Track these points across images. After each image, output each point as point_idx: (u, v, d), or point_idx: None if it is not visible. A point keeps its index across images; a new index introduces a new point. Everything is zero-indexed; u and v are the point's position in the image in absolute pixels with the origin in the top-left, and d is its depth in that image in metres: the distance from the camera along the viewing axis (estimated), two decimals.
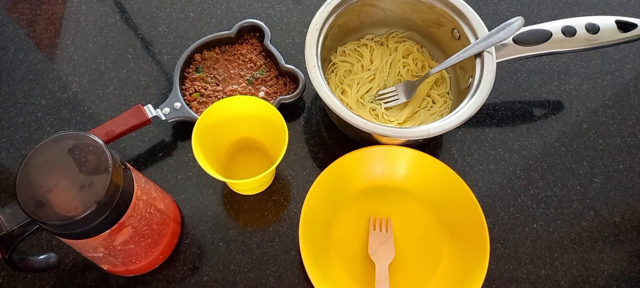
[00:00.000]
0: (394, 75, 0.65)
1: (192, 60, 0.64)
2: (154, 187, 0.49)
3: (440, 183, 0.56)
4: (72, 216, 0.36)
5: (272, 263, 0.54)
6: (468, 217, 0.53)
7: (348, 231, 0.56)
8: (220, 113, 0.52)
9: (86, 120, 0.62)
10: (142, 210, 0.44)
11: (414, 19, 0.65)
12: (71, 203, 0.36)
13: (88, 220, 0.37)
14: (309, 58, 0.55)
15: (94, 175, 0.37)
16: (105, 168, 0.37)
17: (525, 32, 0.58)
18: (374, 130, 0.51)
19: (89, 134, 0.39)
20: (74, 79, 0.65)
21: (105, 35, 0.69)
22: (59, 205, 0.36)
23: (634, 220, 0.58)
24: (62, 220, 0.36)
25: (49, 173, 0.37)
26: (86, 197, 0.36)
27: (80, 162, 0.38)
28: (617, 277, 0.55)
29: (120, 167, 0.40)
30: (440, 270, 0.54)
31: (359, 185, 0.58)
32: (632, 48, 0.71)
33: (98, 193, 0.37)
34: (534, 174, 0.61)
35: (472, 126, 0.64)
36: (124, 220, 0.41)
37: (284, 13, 0.72)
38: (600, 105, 0.66)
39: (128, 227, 0.42)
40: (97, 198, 0.36)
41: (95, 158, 0.38)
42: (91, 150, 0.38)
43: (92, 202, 0.36)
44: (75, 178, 0.37)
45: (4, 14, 0.70)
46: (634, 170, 0.62)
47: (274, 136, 0.53)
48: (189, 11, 0.72)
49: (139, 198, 0.43)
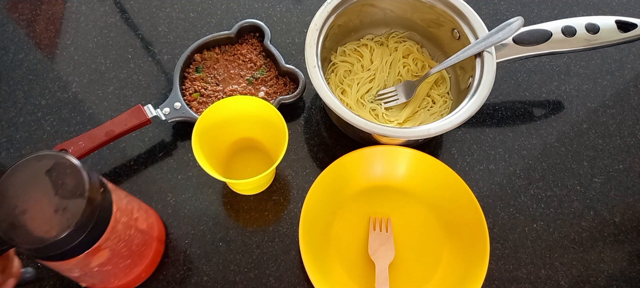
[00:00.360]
0: (394, 75, 0.65)
1: (192, 60, 0.64)
2: (137, 206, 0.48)
3: (440, 183, 0.56)
4: (45, 240, 0.35)
5: (272, 263, 0.54)
6: (468, 217, 0.53)
7: (348, 231, 0.56)
8: (220, 113, 0.52)
9: (86, 120, 0.62)
10: (121, 232, 0.43)
11: (414, 19, 0.65)
12: (44, 226, 0.35)
13: (61, 244, 0.36)
14: (309, 58, 0.55)
15: (69, 199, 0.36)
16: (81, 192, 0.37)
17: (525, 32, 0.58)
18: (374, 130, 0.51)
19: (67, 155, 0.38)
20: (74, 79, 0.65)
21: (105, 35, 0.69)
22: (32, 227, 0.35)
23: (634, 220, 0.58)
24: (34, 243, 0.35)
25: (25, 193, 0.36)
26: (60, 221, 0.36)
27: (57, 184, 0.37)
28: (617, 277, 0.55)
29: (99, 190, 0.39)
30: (440, 270, 0.54)
31: (359, 185, 0.58)
32: (632, 48, 0.71)
33: (71, 219, 0.36)
34: (534, 174, 0.61)
35: (472, 126, 0.64)
36: (100, 244, 0.40)
37: (284, 13, 0.72)
38: (600, 105, 0.66)
39: (105, 249, 0.41)
40: (71, 223, 0.36)
41: (72, 181, 0.37)
42: (69, 173, 0.37)
43: (65, 227, 0.35)
44: (50, 201, 0.36)
45: (4, 14, 0.70)
46: (634, 170, 0.62)
47: (274, 136, 0.53)
48: (189, 11, 0.72)
49: (118, 220, 0.42)
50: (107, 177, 0.58)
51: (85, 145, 0.54)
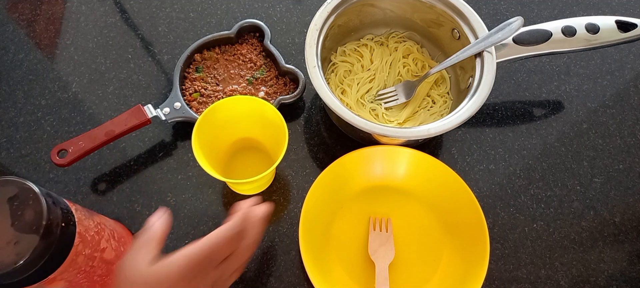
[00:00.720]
0: (394, 75, 0.65)
1: (192, 60, 0.64)
2: (108, 235, 0.46)
3: (440, 183, 0.56)
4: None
5: (272, 263, 0.54)
6: (468, 217, 0.53)
7: (348, 231, 0.56)
8: (220, 113, 0.52)
9: (86, 120, 0.62)
10: (81, 264, 0.41)
11: (414, 19, 0.65)
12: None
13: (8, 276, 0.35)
14: (309, 58, 0.55)
15: (23, 233, 0.35)
16: (36, 228, 0.35)
17: (525, 32, 0.58)
18: (374, 130, 0.51)
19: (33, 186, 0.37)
20: (74, 79, 0.65)
21: (105, 35, 0.69)
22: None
23: (634, 220, 0.58)
24: None
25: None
26: (9, 255, 0.34)
27: (15, 215, 0.36)
28: (617, 277, 0.55)
29: (59, 225, 0.38)
30: (440, 270, 0.54)
31: (359, 185, 0.58)
32: (632, 48, 0.71)
33: (21, 254, 0.35)
34: (534, 174, 0.61)
35: (472, 126, 0.64)
36: (55, 276, 0.39)
37: (284, 13, 0.72)
38: (600, 105, 0.66)
39: (61, 280, 0.40)
40: (19, 258, 0.34)
41: (31, 214, 0.36)
42: (31, 204, 0.36)
43: (12, 263, 0.34)
44: (5, 231, 0.35)
45: (4, 14, 0.70)
46: (634, 170, 0.62)
47: (274, 136, 0.53)
48: (189, 11, 0.72)
49: (79, 252, 0.40)
50: (107, 177, 0.58)
51: (85, 145, 0.54)
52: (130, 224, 0.55)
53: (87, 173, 0.58)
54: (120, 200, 0.57)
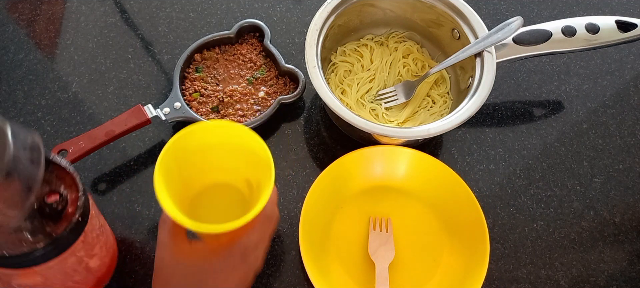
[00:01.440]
0: (394, 75, 0.65)
1: (192, 60, 0.64)
2: (102, 243, 0.45)
3: (440, 183, 0.56)
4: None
5: (272, 263, 0.54)
6: (468, 217, 0.53)
7: (348, 231, 0.56)
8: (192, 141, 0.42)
9: (86, 120, 0.62)
10: (67, 267, 0.40)
11: (414, 19, 0.65)
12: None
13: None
14: (309, 58, 0.55)
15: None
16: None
17: (525, 32, 0.58)
18: (374, 130, 0.51)
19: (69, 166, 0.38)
20: (74, 79, 0.65)
21: (105, 35, 0.69)
22: None
23: (634, 220, 0.58)
24: None
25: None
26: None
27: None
28: (617, 277, 0.55)
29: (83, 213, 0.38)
30: (440, 270, 0.54)
31: (359, 185, 0.58)
32: (632, 48, 0.71)
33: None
34: (534, 174, 0.61)
35: (472, 126, 0.64)
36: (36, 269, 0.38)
37: (284, 13, 0.72)
38: (600, 105, 0.66)
39: (37, 275, 0.39)
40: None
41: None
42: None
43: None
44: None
45: (4, 14, 0.70)
46: (634, 170, 0.62)
47: (255, 167, 0.42)
48: (189, 11, 0.72)
49: (73, 252, 0.40)
50: (107, 177, 0.58)
51: (85, 145, 0.54)
52: (130, 224, 0.55)
53: (87, 173, 0.58)
54: (120, 200, 0.57)
